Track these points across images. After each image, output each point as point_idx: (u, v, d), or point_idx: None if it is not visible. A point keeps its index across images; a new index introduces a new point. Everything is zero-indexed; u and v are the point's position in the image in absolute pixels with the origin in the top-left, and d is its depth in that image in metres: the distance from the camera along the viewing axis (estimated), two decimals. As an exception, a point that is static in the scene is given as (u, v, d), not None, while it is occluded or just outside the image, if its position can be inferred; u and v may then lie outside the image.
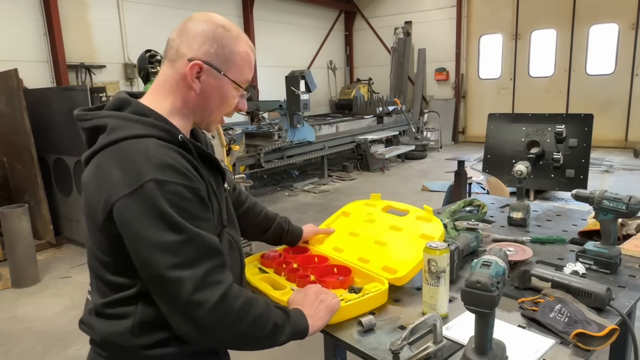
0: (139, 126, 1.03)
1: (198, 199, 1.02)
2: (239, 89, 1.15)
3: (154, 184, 0.96)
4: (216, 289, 0.99)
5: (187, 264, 0.97)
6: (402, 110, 11.44)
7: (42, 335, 3.44)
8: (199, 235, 0.99)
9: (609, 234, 1.61)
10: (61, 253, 5.16)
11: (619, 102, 10.85)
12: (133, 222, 0.96)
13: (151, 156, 0.98)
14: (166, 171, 0.98)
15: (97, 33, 8.38)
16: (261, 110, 8.03)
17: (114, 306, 1.06)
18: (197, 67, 1.07)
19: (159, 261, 0.96)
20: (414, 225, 1.62)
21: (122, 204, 0.96)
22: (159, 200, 0.95)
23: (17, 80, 4.96)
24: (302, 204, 7.06)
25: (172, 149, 1.03)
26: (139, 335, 1.05)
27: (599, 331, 1.19)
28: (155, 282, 0.98)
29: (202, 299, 0.97)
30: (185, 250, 0.97)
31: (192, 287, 0.96)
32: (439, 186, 7.40)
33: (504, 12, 12.08)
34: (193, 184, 1.01)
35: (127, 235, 0.98)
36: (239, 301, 1.03)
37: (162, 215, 0.96)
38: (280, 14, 12.37)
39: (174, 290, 0.96)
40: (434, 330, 1.13)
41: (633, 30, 10.50)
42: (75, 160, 5.04)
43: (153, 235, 0.95)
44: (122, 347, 1.06)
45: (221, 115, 1.18)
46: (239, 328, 1.03)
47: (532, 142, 3.42)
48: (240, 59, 1.12)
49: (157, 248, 0.96)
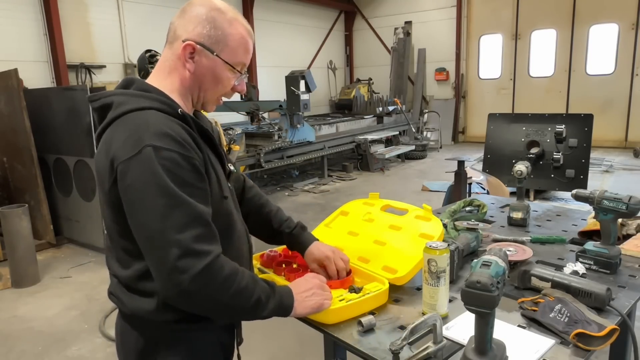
0: (142, 100, 1.10)
1: (191, 167, 1.06)
2: (234, 70, 1.18)
3: (151, 149, 1.01)
4: (202, 258, 1.02)
5: (175, 228, 1.01)
6: (402, 110, 11.44)
7: (42, 335, 3.43)
8: (188, 203, 1.03)
9: (609, 234, 1.61)
10: (61, 253, 5.15)
11: (619, 102, 10.85)
12: (131, 184, 1.02)
13: (151, 125, 1.05)
14: (163, 138, 1.03)
15: (97, 33, 8.38)
16: (261, 110, 8.02)
17: (142, 280, 1.11)
18: (190, 47, 1.13)
19: (149, 223, 1.01)
20: (413, 225, 1.62)
21: (123, 167, 1.03)
22: (154, 165, 1.01)
23: (17, 80, 4.96)
24: (302, 204, 7.06)
25: (172, 120, 1.09)
26: (166, 311, 1.11)
27: (599, 331, 1.19)
28: (145, 243, 1.04)
29: (186, 265, 1.00)
30: (174, 215, 1.01)
31: (178, 253, 1.00)
32: (439, 186, 7.40)
33: (504, 12, 12.07)
34: (188, 153, 1.06)
35: (125, 198, 1.04)
36: (223, 273, 1.05)
37: (157, 179, 1.01)
38: (280, 14, 12.36)
39: (161, 253, 1.01)
40: (434, 330, 1.13)
41: (633, 30, 10.50)
42: (76, 160, 5.04)
43: (146, 198, 1.01)
44: (152, 322, 1.14)
45: (217, 96, 1.22)
46: (221, 299, 1.06)
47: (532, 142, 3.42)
48: (233, 41, 1.15)
49: (149, 211, 1.01)
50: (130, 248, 1.11)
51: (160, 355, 1.17)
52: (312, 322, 1.33)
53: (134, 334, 1.19)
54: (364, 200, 1.86)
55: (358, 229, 1.73)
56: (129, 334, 1.20)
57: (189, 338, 1.18)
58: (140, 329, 1.18)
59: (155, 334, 1.17)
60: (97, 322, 3.57)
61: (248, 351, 1.38)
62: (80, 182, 5.07)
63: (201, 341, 1.20)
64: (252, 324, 1.37)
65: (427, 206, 1.63)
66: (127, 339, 1.21)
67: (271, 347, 3.16)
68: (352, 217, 1.81)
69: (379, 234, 1.65)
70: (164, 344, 1.17)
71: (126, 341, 1.21)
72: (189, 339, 1.18)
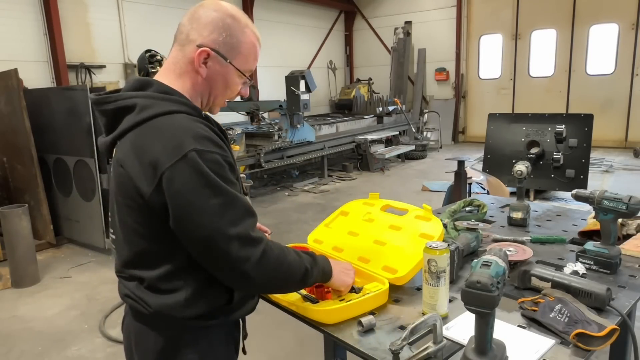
0: (169, 104, 1.12)
1: (229, 166, 1.12)
2: (243, 76, 1.22)
3: (195, 153, 1.04)
4: (258, 245, 1.11)
5: (232, 223, 1.07)
6: (402, 110, 11.44)
7: (42, 335, 3.43)
8: (238, 197, 1.10)
9: (609, 234, 1.61)
10: (61, 253, 5.15)
11: (619, 102, 10.85)
12: (181, 189, 1.04)
13: (188, 129, 1.07)
14: (203, 141, 1.07)
15: (97, 33, 8.37)
16: (261, 110, 8.02)
17: (168, 279, 1.15)
18: (205, 53, 1.15)
19: (207, 223, 1.05)
20: (413, 225, 1.61)
21: (170, 174, 1.04)
22: (202, 168, 1.04)
23: (17, 80, 4.96)
24: (302, 204, 7.06)
25: (202, 122, 1.13)
26: (189, 306, 1.15)
27: (599, 331, 1.19)
28: (204, 242, 1.07)
29: (248, 254, 1.08)
30: (229, 212, 1.07)
31: (239, 244, 1.07)
32: (439, 186, 7.40)
33: (504, 12, 12.07)
34: (224, 153, 1.12)
35: (176, 203, 1.05)
36: (275, 252, 1.14)
37: (206, 180, 1.05)
38: (280, 14, 12.36)
39: (223, 249, 1.06)
40: (434, 330, 1.13)
41: (633, 30, 10.50)
42: (76, 160, 5.04)
43: (201, 200, 1.05)
44: (173, 319, 1.16)
45: (224, 100, 1.26)
46: (278, 275, 1.16)
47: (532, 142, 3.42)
48: (246, 49, 1.19)
49: (205, 211, 1.05)
50: (156, 250, 1.14)
51: (181, 354, 1.19)
52: (312, 322, 1.33)
53: (152, 334, 1.20)
54: (364, 200, 1.86)
55: (358, 229, 1.73)
56: (146, 334, 1.21)
57: (207, 334, 1.21)
58: (159, 329, 1.20)
59: (175, 333, 1.19)
60: (97, 322, 3.57)
61: (248, 351, 1.38)
62: (80, 182, 5.07)
63: (217, 337, 1.24)
64: (251, 325, 1.38)
65: (427, 206, 1.63)
66: (144, 340, 1.21)
67: (271, 347, 3.16)
68: (352, 217, 1.81)
69: (379, 234, 1.65)
70: (184, 342, 1.19)
71: (143, 342, 1.22)
72: (207, 335, 1.21)
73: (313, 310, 1.33)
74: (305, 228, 5.62)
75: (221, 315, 1.20)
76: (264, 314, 1.65)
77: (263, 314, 1.59)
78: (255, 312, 1.30)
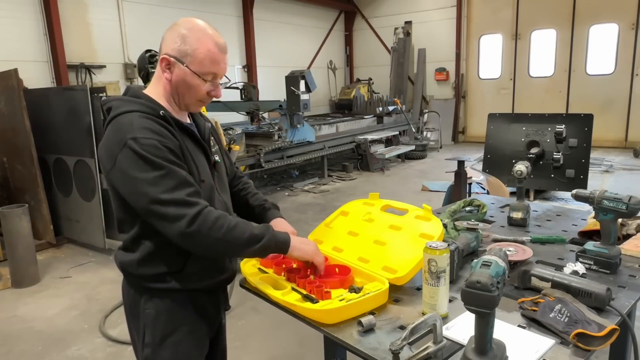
0: (131, 104, 1.37)
1: (169, 150, 1.31)
2: (202, 79, 1.39)
3: (132, 140, 1.28)
4: (194, 206, 1.28)
5: (167, 191, 1.27)
6: (402, 110, 11.43)
7: (42, 335, 3.44)
8: (174, 171, 1.30)
9: (609, 234, 1.61)
10: (61, 253, 5.16)
11: (619, 102, 10.85)
12: (124, 168, 1.29)
13: (133, 123, 1.32)
14: (143, 131, 1.30)
15: (97, 33, 8.38)
16: (261, 110, 8.02)
17: (134, 242, 1.41)
18: (165, 60, 1.38)
19: (146, 191, 1.27)
20: (413, 225, 1.62)
21: (119, 158, 1.29)
22: (138, 150, 1.27)
23: (17, 80, 4.96)
24: (302, 204, 7.06)
25: (152, 119, 1.34)
26: (142, 265, 1.40)
27: (599, 331, 1.19)
28: (146, 208, 1.28)
29: (182, 213, 1.27)
30: (165, 182, 1.27)
31: (175, 207, 1.27)
32: (439, 186, 7.40)
33: (504, 12, 12.07)
34: (165, 140, 1.32)
35: (122, 180, 1.30)
36: (213, 214, 1.31)
37: (143, 159, 1.27)
38: (280, 14, 12.36)
39: (161, 212, 1.27)
40: (434, 330, 1.13)
41: (633, 30, 10.50)
42: (76, 160, 5.04)
43: (138, 174, 1.27)
44: (131, 275, 1.44)
45: (194, 99, 1.43)
46: (216, 235, 1.29)
47: (532, 142, 3.42)
48: (200, 54, 1.36)
49: (143, 182, 1.27)
50: (125, 218, 1.41)
51: (142, 308, 1.43)
52: (312, 322, 1.33)
53: (126, 289, 1.48)
54: (364, 200, 1.86)
55: (358, 229, 1.73)
56: (126, 289, 1.48)
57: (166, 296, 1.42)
58: (130, 284, 1.47)
59: (139, 288, 1.44)
60: (97, 322, 3.57)
61: (248, 351, 1.39)
62: (80, 182, 5.07)
63: (178, 301, 1.43)
64: (251, 325, 1.37)
65: (427, 206, 1.63)
66: (124, 294, 1.50)
67: (271, 347, 3.15)
68: (352, 217, 1.81)
69: (379, 234, 1.65)
70: (145, 298, 1.43)
71: (124, 295, 1.50)
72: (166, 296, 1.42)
73: (313, 310, 1.33)
74: (305, 228, 5.62)
75: (173, 281, 1.40)
76: (264, 314, 1.65)
77: (263, 314, 1.59)
78: (255, 312, 1.30)
